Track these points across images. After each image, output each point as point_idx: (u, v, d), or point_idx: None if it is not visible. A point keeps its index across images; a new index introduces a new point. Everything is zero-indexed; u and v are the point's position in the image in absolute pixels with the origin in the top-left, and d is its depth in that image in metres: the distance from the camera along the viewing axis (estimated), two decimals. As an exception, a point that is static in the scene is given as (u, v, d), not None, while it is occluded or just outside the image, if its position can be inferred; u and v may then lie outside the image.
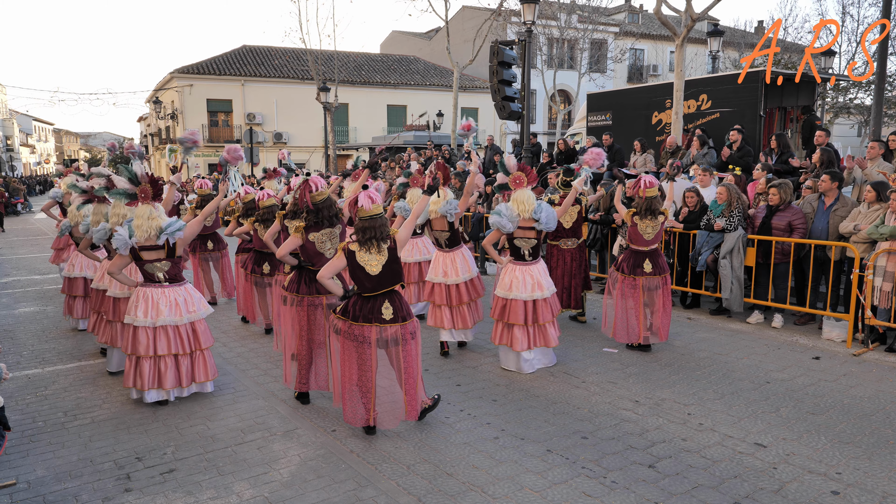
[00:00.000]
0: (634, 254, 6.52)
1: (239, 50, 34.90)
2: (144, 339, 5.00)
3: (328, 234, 5.13)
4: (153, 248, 5.06)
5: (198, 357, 5.25)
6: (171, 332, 5.07)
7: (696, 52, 34.46)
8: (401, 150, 20.82)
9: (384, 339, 4.38)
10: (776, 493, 3.75)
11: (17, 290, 10.46)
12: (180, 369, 5.14)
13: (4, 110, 53.45)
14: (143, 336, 5.00)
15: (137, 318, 5.01)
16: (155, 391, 5.12)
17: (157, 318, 5.01)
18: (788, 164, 9.31)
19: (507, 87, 13.14)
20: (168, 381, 5.08)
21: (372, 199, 4.41)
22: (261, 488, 3.88)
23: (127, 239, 4.92)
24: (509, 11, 24.57)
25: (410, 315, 4.53)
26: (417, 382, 4.53)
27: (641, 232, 6.44)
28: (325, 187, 5.01)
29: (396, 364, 4.46)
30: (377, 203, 4.42)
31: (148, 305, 5.04)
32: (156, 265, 5.09)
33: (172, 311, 5.08)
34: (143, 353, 5.00)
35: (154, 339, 5.02)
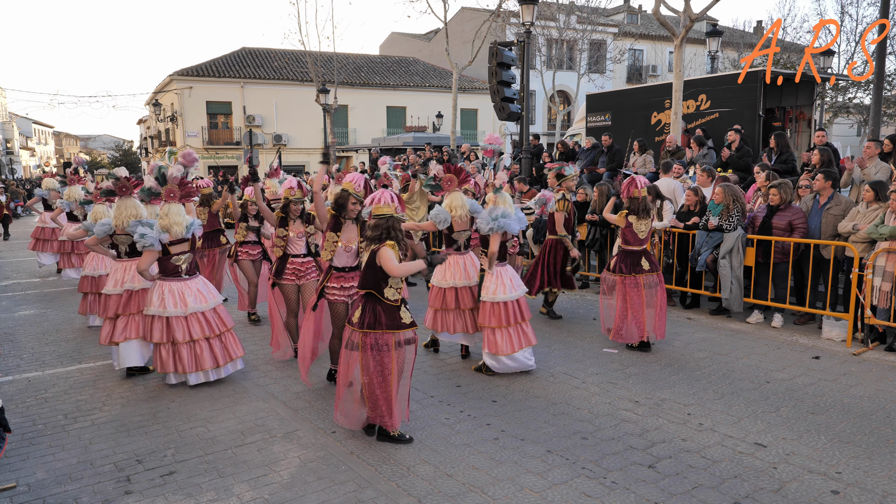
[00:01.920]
0: (630, 254, 6.59)
1: (238, 52, 34.91)
2: (180, 327, 5.49)
3: None
4: (181, 242, 5.61)
5: (227, 337, 5.79)
6: (202, 318, 5.61)
7: (695, 52, 34.49)
8: (400, 151, 20.82)
9: (399, 342, 4.36)
10: (776, 493, 3.75)
11: (18, 292, 10.46)
12: (214, 351, 5.65)
13: (4, 113, 53.47)
14: (177, 324, 5.49)
15: (167, 309, 5.48)
16: (194, 374, 5.58)
17: (187, 307, 5.53)
18: (788, 164, 9.32)
19: (507, 88, 13.14)
20: (207, 362, 5.60)
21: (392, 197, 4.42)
22: (261, 490, 3.88)
23: (158, 237, 5.42)
24: (508, 12, 24.58)
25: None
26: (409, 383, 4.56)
27: (636, 231, 6.57)
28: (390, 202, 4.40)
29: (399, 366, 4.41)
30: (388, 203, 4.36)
31: (175, 297, 5.55)
32: (181, 257, 5.63)
33: (197, 300, 5.63)
34: (180, 339, 5.48)
35: (188, 326, 5.53)
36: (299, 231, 6.14)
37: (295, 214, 6.12)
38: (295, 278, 6.01)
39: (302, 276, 6.07)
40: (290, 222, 6.12)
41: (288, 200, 6.01)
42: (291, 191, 6.01)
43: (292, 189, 6.03)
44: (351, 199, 5.10)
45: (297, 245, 6.13)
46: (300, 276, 6.05)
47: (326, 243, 5.17)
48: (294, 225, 6.13)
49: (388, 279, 4.29)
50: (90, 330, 7.79)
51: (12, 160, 52.44)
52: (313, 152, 32.78)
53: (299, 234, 6.13)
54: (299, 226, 6.15)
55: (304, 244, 6.18)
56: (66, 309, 9.06)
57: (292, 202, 6.01)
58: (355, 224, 5.22)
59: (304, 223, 6.16)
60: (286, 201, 6.03)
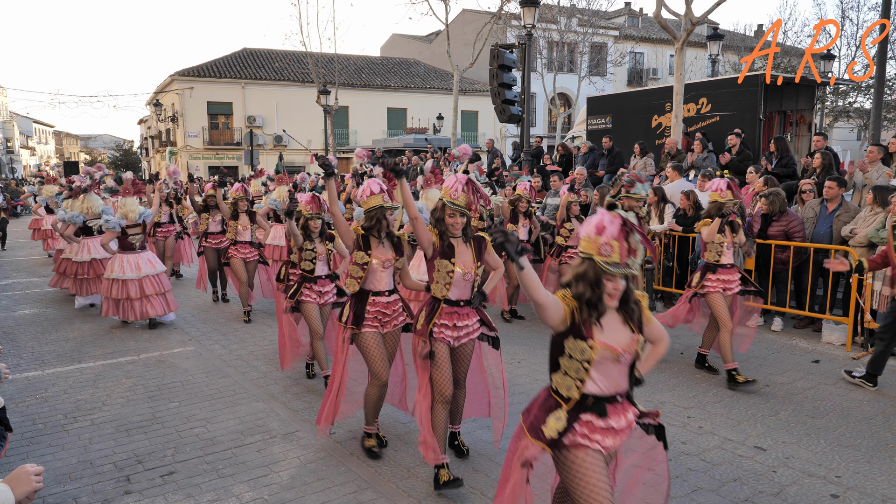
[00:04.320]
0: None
1: (239, 53, 34.94)
2: (135, 287, 7.49)
3: None
4: (135, 226, 7.65)
5: (168, 295, 7.84)
6: (154, 279, 7.64)
7: (696, 55, 34.51)
8: (399, 152, 20.83)
9: None
10: (776, 497, 3.75)
11: (17, 292, 10.46)
12: (160, 303, 7.69)
13: (5, 112, 53.49)
14: (132, 285, 7.49)
15: (126, 274, 7.50)
16: (143, 319, 7.74)
17: (141, 272, 7.55)
18: (788, 168, 9.32)
19: (507, 91, 13.17)
20: (158, 310, 7.65)
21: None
22: (260, 490, 3.88)
23: (118, 222, 7.47)
24: (509, 15, 24.60)
25: None
26: None
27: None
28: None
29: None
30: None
31: (132, 265, 7.57)
32: (135, 237, 7.66)
33: (148, 267, 7.66)
34: (134, 296, 7.47)
35: (142, 286, 7.52)
36: (322, 252, 5.63)
37: (315, 232, 5.61)
38: (378, 325, 4.29)
39: (388, 321, 4.33)
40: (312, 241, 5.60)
41: (305, 217, 5.53)
42: (308, 206, 5.55)
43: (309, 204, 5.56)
44: (448, 211, 3.82)
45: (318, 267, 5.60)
46: (385, 321, 4.32)
47: (438, 274, 3.87)
48: (318, 244, 5.62)
49: None
50: (90, 330, 7.81)
51: (13, 159, 52.45)
52: (313, 153, 32.78)
53: (321, 254, 5.63)
54: (320, 246, 5.63)
55: (326, 264, 5.66)
56: (66, 308, 9.06)
57: (310, 219, 5.52)
58: (467, 244, 3.92)
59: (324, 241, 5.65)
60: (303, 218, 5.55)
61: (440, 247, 3.87)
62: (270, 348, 6.91)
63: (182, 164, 31.54)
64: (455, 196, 3.78)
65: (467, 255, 3.89)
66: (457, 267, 3.82)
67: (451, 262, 3.82)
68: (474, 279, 3.91)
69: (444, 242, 3.88)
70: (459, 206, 3.78)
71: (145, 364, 6.41)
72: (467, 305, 3.91)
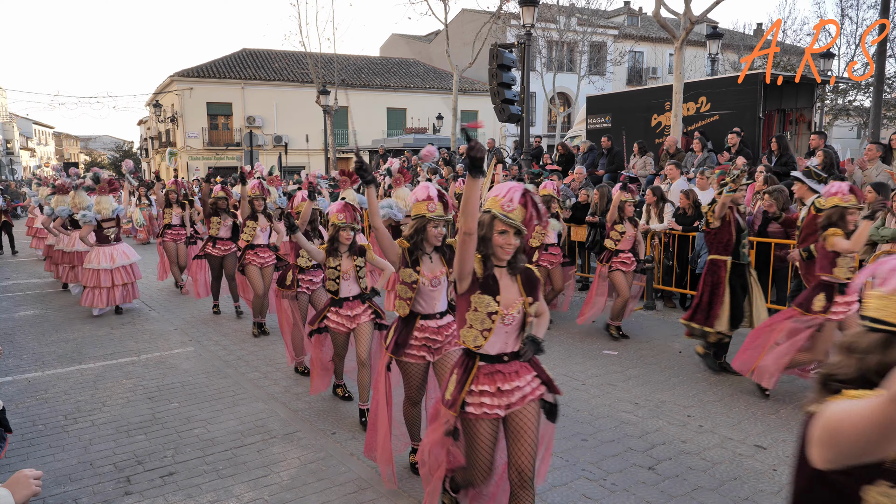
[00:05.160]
0: None
1: (239, 53, 34.93)
2: (107, 276, 8.29)
3: None
4: (109, 220, 8.45)
5: (135, 284, 8.74)
6: (125, 270, 8.45)
7: (696, 54, 34.49)
8: (399, 152, 20.83)
9: None
10: (776, 495, 3.75)
11: (17, 293, 10.46)
12: (129, 291, 8.59)
13: (4, 114, 53.48)
14: (106, 274, 8.29)
15: (101, 264, 8.26)
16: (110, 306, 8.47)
17: (114, 262, 8.31)
18: (788, 167, 9.32)
19: (507, 90, 13.14)
20: (119, 299, 8.45)
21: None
22: (260, 491, 3.87)
23: (94, 216, 8.30)
24: (508, 14, 24.60)
25: None
26: None
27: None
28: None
29: None
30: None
31: (106, 257, 8.33)
32: (110, 230, 8.44)
33: (121, 258, 8.43)
34: (105, 284, 8.25)
35: (114, 275, 8.31)
36: (348, 269, 4.82)
37: (345, 245, 4.83)
38: (427, 353, 3.75)
39: (437, 349, 3.79)
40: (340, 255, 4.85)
41: (336, 227, 4.79)
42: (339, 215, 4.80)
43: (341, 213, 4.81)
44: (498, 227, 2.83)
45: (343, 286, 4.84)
46: (435, 348, 3.77)
47: (475, 316, 2.96)
48: (344, 259, 4.84)
49: None
50: (90, 331, 7.81)
51: (12, 161, 52.44)
52: (313, 153, 32.80)
53: (347, 272, 4.82)
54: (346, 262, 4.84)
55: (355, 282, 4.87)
56: (67, 309, 9.06)
57: (342, 229, 4.77)
58: (513, 276, 2.94)
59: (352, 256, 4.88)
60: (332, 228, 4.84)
61: (481, 277, 2.83)
62: (270, 348, 6.91)
63: (182, 165, 31.55)
64: (509, 208, 2.75)
65: (513, 291, 2.88)
66: (500, 306, 2.80)
67: (496, 301, 2.80)
68: (523, 322, 2.91)
69: (488, 271, 2.83)
70: (515, 223, 2.75)
71: (145, 365, 6.42)
72: (515, 359, 2.90)
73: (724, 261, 5.81)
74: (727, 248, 5.81)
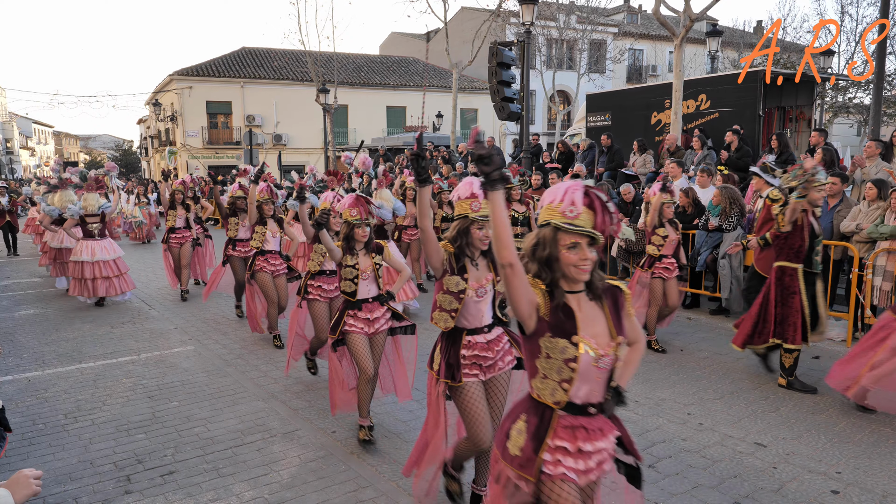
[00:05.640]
0: None
1: (238, 52, 34.90)
2: (90, 269, 8.78)
3: None
4: (94, 216, 9.03)
5: (124, 277, 9.11)
6: (105, 264, 8.88)
7: (695, 52, 34.48)
8: (399, 151, 20.82)
9: None
10: (776, 493, 3.75)
11: (17, 292, 10.46)
12: (114, 284, 8.95)
13: (4, 113, 53.45)
14: (88, 267, 8.78)
15: (83, 257, 8.79)
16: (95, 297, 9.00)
17: (94, 256, 8.81)
18: (788, 164, 9.31)
19: (507, 88, 13.14)
20: (101, 291, 8.87)
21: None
22: (261, 489, 3.87)
23: (78, 211, 8.89)
24: (508, 12, 24.58)
25: None
26: None
27: None
28: None
29: None
30: None
31: (89, 250, 8.85)
32: (94, 226, 9.01)
33: (104, 252, 8.92)
34: (88, 276, 8.76)
35: (94, 268, 8.78)
36: (366, 268, 4.42)
37: (361, 243, 4.41)
38: (479, 371, 3.32)
39: (489, 366, 3.35)
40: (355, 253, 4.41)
41: (350, 224, 4.37)
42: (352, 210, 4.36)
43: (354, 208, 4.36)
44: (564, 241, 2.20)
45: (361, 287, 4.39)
46: (487, 366, 3.34)
47: (549, 364, 2.36)
48: (361, 257, 4.42)
49: None
50: (90, 330, 7.82)
51: (12, 160, 52.43)
52: (313, 152, 32.79)
53: (366, 271, 4.42)
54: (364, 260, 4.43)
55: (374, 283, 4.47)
56: (66, 308, 9.07)
57: (356, 226, 4.35)
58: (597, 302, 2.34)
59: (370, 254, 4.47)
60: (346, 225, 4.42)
61: (549, 313, 2.17)
62: (270, 347, 6.91)
63: (181, 164, 31.54)
64: (573, 213, 2.13)
65: (598, 325, 2.21)
66: (584, 346, 2.14)
67: (573, 344, 2.14)
68: (614, 363, 2.24)
69: (557, 301, 2.19)
70: (586, 230, 2.11)
71: (145, 364, 6.42)
72: (601, 413, 2.27)
73: (795, 269, 5.31)
74: (798, 254, 5.30)
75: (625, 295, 2.31)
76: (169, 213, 9.56)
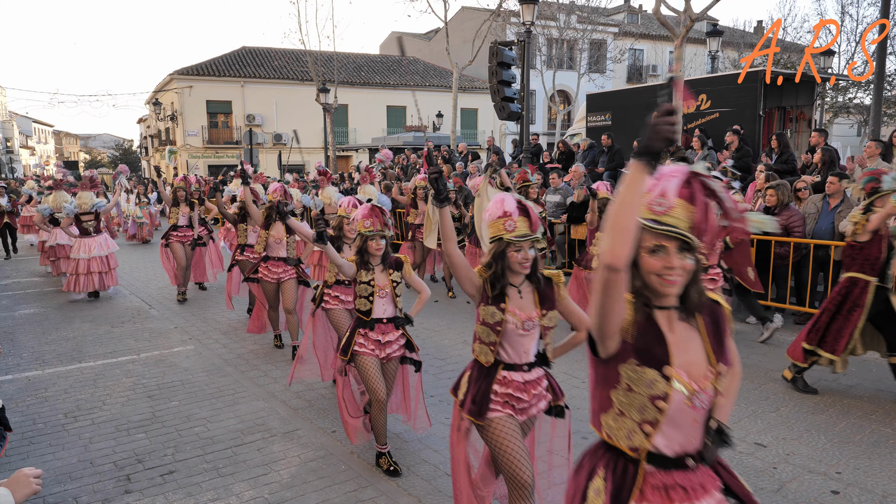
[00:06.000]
0: None
1: (238, 51, 34.90)
2: (84, 264, 9.25)
3: None
4: (88, 214, 9.39)
5: (112, 273, 9.60)
6: (100, 260, 9.35)
7: (696, 52, 34.48)
8: (399, 150, 20.81)
9: None
10: (776, 493, 3.75)
11: (18, 291, 10.46)
12: (104, 278, 9.44)
13: (4, 112, 53.44)
14: (82, 263, 9.26)
15: (80, 254, 9.29)
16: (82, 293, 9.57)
17: (90, 252, 9.29)
18: (789, 164, 9.31)
19: (507, 88, 13.14)
20: (96, 285, 9.40)
21: None
22: (261, 489, 3.87)
23: (73, 209, 9.26)
24: (508, 12, 24.57)
25: None
26: None
27: None
28: None
29: None
30: None
31: (85, 247, 9.32)
32: (88, 224, 9.40)
33: (98, 249, 9.36)
34: (82, 271, 9.24)
35: (89, 264, 9.27)
36: (383, 285, 4.06)
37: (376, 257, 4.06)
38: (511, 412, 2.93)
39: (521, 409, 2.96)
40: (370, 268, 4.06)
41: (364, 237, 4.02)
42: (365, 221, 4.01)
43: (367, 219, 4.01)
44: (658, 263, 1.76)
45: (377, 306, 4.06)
46: (523, 407, 2.96)
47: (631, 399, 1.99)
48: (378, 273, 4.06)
49: None
50: (90, 330, 7.82)
51: (12, 159, 52.41)
52: (313, 152, 32.79)
53: (383, 289, 4.06)
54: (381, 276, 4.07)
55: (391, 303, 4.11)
56: (66, 308, 9.07)
57: (370, 238, 4.00)
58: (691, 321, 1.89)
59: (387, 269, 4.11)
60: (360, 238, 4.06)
61: (635, 334, 1.78)
62: (270, 346, 6.91)
63: (182, 163, 31.54)
64: (662, 208, 1.73)
65: (695, 353, 1.81)
66: (677, 382, 1.75)
67: (664, 377, 1.74)
68: (713, 403, 1.85)
69: (639, 317, 1.79)
70: (677, 231, 1.71)
71: (145, 363, 6.42)
72: (702, 463, 1.86)
73: (868, 282, 4.92)
74: (874, 267, 4.89)
75: (725, 311, 1.92)
76: (171, 210, 9.36)
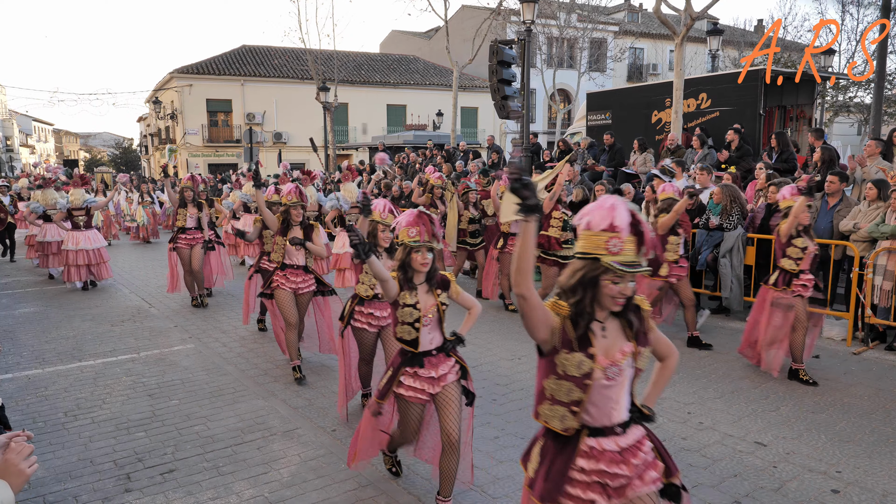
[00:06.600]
0: None
1: (238, 50, 34.88)
2: (72, 256, 9.95)
3: None
4: (79, 209, 10.11)
5: (105, 265, 10.29)
6: (90, 252, 10.06)
7: (696, 50, 34.44)
8: (399, 149, 20.79)
9: None
10: (776, 492, 3.75)
11: (18, 290, 10.46)
12: (94, 270, 10.17)
13: (4, 111, 53.41)
14: (72, 255, 9.96)
15: (69, 246, 9.98)
16: (79, 282, 10.28)
17: (78, 245, 9.95)
18: (789, 163, 9.31)
19: (507, 87, 13.11)
20: (84, 276, 10.12)
21: None
22: (261, 488, 3.87)
23: (65, 205, 10.07)
24: (509, 10, 24.54)
25: None
26: None
27: None
28: None
29: None
30: None
31: (74, 240, 10.00)
32: (79, 218, 10.09)
33: (87, 242, 10.06)
34: (71, 263, 9.96)
35: (77, 256, 9.95)
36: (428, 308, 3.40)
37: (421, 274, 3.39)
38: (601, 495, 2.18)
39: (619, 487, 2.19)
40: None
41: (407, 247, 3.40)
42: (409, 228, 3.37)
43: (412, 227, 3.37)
44: None
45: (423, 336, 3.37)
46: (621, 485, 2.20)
47: None
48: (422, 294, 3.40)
49: None
50: (90, 328, 7.82)
51: (12, 157, 52.39)
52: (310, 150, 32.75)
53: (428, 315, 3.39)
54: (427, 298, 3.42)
55: (438, 330, 3.46)
56: (66, 306, 9.07)
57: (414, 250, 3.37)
58: None
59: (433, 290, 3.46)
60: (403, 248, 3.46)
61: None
62: (270, 346, 6.91)
63: (182, 162, 31.53)
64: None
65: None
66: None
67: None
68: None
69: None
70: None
71: (145, 362, 6.42)
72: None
73: None
74: None
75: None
76: (179, 211, 8.78)
